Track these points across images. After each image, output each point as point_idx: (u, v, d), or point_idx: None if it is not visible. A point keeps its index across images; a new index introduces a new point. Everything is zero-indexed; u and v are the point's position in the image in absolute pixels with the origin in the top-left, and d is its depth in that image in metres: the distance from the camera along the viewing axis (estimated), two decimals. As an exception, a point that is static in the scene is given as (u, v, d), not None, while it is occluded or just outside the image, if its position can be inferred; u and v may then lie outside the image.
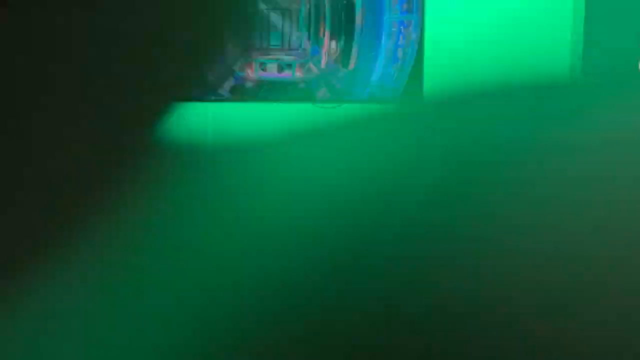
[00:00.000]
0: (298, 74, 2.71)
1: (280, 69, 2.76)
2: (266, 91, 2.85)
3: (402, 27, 2.60)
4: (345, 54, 2.61)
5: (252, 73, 2.82)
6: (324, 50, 2.65)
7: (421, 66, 2.49)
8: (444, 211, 0.25)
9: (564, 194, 0.25)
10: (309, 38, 2.73)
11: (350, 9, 2.65)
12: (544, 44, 2.25)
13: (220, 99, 2.83)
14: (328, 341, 0.23)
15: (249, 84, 2.87)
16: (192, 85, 0.31)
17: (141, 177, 0.29)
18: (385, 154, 0.30)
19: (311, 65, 2.72)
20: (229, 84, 2.90)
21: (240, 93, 2.88)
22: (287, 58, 2.73)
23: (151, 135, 0.30)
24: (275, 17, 2.74)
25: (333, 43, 2.67)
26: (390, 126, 0.31)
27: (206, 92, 2.86)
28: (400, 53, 2.51)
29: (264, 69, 2.79)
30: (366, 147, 0.30)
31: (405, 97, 2.60)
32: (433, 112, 0.30)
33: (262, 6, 2.77)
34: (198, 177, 0.30)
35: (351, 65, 2.63)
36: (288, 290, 0.24)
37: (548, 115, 0.29)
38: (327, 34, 2.68)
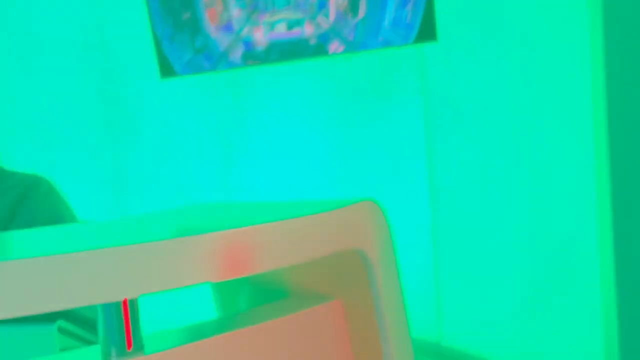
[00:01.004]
0: (308, 30, 2.68)
1: (289, 27, 2.72)
2: (278, 53, 2.82)
3: (408, -33, 2.52)
4: (353, 2, 2.56)
5: (261, 36, 2.79)
6: (331, 2, 2.60)
7: (432, 6, 2.43)
8: None
9: None
10: (314, -8, 2.68)
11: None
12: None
13: (233, 66, 2.81)
14: None
15: (259, 48, 2.84)
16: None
17: None
18: None
19: (320, 19, 2.68)
20: (239, 50, 2.87)
21: (251, 58, 2.86)
22: (295, 15, 2.69)
23: None
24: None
25: (339, -7, 2.61)
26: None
27: (219, 62, 2.84)
28: (409, -6, 2.44)
29: (272, 30, 2.76)
30: None
31: (420, 39, 2.54)
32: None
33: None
34: None
35: (361, 14, 2.58)
36: None
37: None
38: (332, -15, 2.62)
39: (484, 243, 2.48)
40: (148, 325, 0.77)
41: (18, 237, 0.82)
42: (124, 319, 0.69)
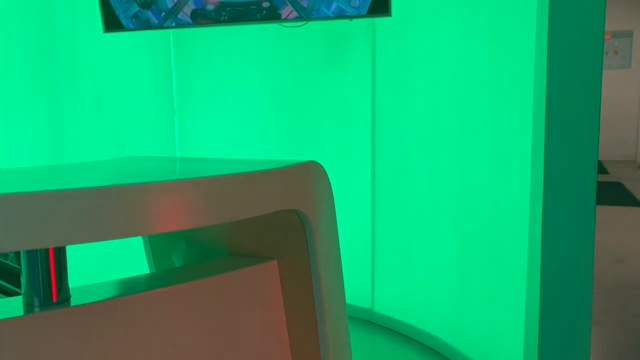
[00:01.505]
0: (261, -7, 2.61)
1: (242, -12, 2.64)
2: (229, 13, 2.74)
3: (366, -63, 2.48)
4: (308, -32, 2.51)
5: (212, -5, 2.70)
6: (286, -34, 2.54)
7: (387, -22, 2.41)
8: None
9: None
10: (269, -46, 2.61)
11: None
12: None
13: (182, 24, 2.72)
14: None
15: (210, 7, 2.75)
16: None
17: None
18: None
19: (274, -17, 2.61)
20: (189, 8, 2.77)
21: (201, 17, 2.77)
22: (248, -24, 2.61)
23: None
24: None
25: (295, -42, 2.55)
26: None
27: (167, 18, 2.75)
28: (365, -36, 2.42)
29: (224, -10, 2.67)
30: None
31: (372, 12, 2.52)
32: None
33: None
34: None
35: (315, -19, 2.53)
36: None
37: None
38: (288, -52, 2.56)
39: (418, 216, 2.53)
40: (79, 281, 0.74)
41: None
42: (50, 269, 0.66)
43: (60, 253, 0.67)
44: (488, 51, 2.17)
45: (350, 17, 2.55)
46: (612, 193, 5.92)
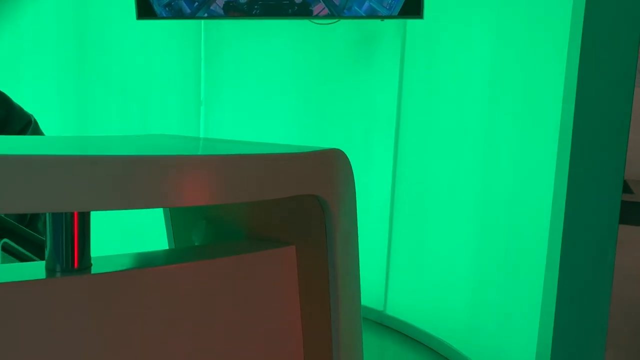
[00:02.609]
0: (294, -12, 2.62)
1: (276, -17, 2.66)
2: (261, 7, 2.76)
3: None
4: (343, -34, 2.51)
5: (246, -12, 2.71)
6: (320, -37, 2.55)
7: (421, -20, 2.41)
8: None
9: None
10: (305, -50, 2.62)
11: None
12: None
13: (214, 15, 2.74)
14: None
15: (243, 0, 2.77)
16: None
17: None
18: None
19: (307, -21, 2.62)
20: (222, 0, 2.80)
21: (234, 10, 2.79)
22: (282, -29, 2.62)
23: None
24: None
25: (330, -45, 2.56)
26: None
27: (199, 9, 2.77)
28: (400, -35, 2.41)
29: (258, -16, 2.69)
30: None
31: (404, 13, 2.52)
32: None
33: None
34: None
35: (349, -21, 2.54)
36: None
37: None
38: (324, -55, 2.57)
39: (437, 220, 2.52)
40: (101, 252, 0.75)
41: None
42: (74, 236, 0.67)
43: (85, 221, 0.68)
44: (518, 59, 2.15)
45: (382, 17, 2.55)
46: (636, 213, 5.82)
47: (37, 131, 1.41)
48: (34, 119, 1.43)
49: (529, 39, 2.09)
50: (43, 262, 0.69)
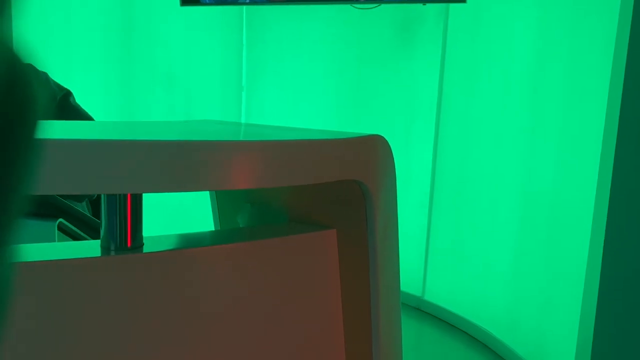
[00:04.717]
0: (335, -27, 2.62)
1: (317, -32, 2.66)
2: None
3: None
4: (385, -50, 2.49)
5: (287, -26, 2.73)
6: (362, -52, 2.53)
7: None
8: None
9: None
10: None
11: None
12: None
13: (256, 1, 2.76)
14: None
15: (284, -14, 2.78)
16: None
17: None
18: None
19: (349, -36, 2.62)
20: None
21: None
22: (324, -44, 2.62)
23: None
24: None
25: (372, -60, 2.54)
26: None
27: (241, -5, 2.80)
28: (443, -51, 2.38)
29: (300, -31, 2.70)
30: None
31: (447, -2, 2.49)
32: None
33: None
34: None
35: (391, -37, 2.52)
36: None
37: None
38: None
39: (478, 206, 2.50)
40: (152, 232, 0.79)
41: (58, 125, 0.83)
42: (127, 216, 0.70)
43: (137, 202, 0.71)
44: (563, 45, 2.11)
45: (424, 2, 2.52)
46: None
47: (75, 103, 1.45)
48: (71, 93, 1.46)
49: (574, 25, 2.04)
50: (98, 241, 0.73)
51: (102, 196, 0.71)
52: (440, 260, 2.76)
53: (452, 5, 2.62)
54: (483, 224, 2.51)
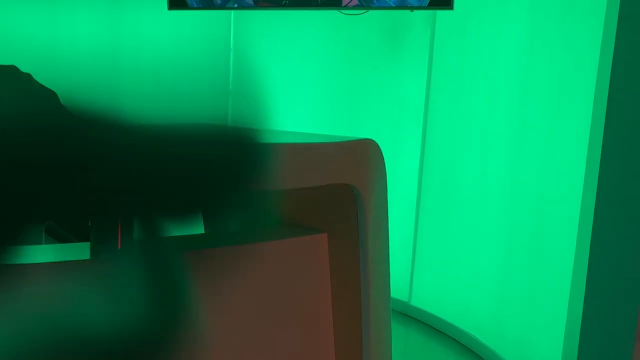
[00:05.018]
0: (324, -21, 2.63)
1: (306, -26, 2.67)
2: (291, -2, 2.77)
3: None
4: (373, -43, 2.51)
5: (276, -21, 2.73)
6: (351, -46, 2.55)
7: (452, -29, 2.39)
8: None
9: None
10: (335, -60, 2.62)
11: None
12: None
13: (244, 6, 2.76)
14: None
15: (273, -9, 2.79)
16: None
17: None
18: None
19: (338, -30, 2.63)
20: (252, -10, 2.81)
21: (264, 0, 2.80)
22: (312, -38, 2.63)
23: None
24: None
25: (361, -54, 2.56)
26: None
27: (229, 0, 2.79)
28: (431, -44, 2.40)
29: (288, -26, 2.70)
30: None
31: (435, 4, 2.51)
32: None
33: None
34: None
35: (379, -30, 2.53)
36: None
37: None
38: (354, -64, 2.57)
39: (464, 211, 2.51)
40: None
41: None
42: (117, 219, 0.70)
43: (128, 204, 0.71)
44: (549, 51, 2.13)
45: (412, 8, 2.54)
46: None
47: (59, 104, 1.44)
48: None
49: (561, 31, 2.07)
50: (87, 244, 0.72)
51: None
52: (427, 266, 2.77)
53: (439, 12, 2.64)
54: (469, 229, 2.52)
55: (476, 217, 2.49)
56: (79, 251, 0.74)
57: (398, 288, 2.83)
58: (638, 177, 1.81)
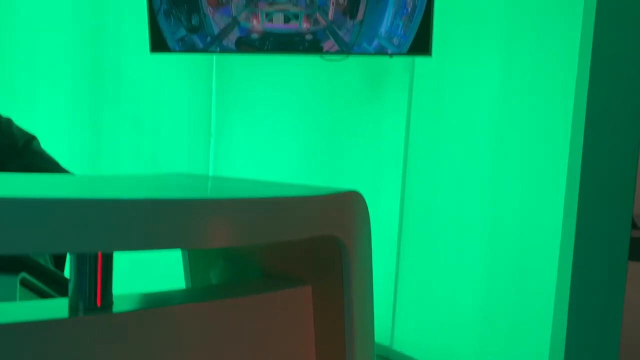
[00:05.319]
0: (305, 25, 2.68)
1: (287, 19, 2.72)
2: (272, 43, 2.81)
3: (412, -22, 2.54)
4: (353, 4, 2.57)
5: (258, 24, 2.77)
6: (331, 1, 2.61)
7: (430, 19, 2.46)
8: None
9: None
10: (316, -12, 2.68)
11: (359, -42, 2.59)
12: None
13: (226, 50, 2.79)
14: None
15: (254, 36, 2.83)
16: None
17: None
18: None
19: (318, 16, 2.68)
20: (234, 35, 2.85)
21: (246, 45, 2.84)
22: (294, 8, 2.69)
23: None
24: (282, -34, 2.69)
25: (341, -7, 2.62)
26: None
27: (212, 44, 2.83)
28: (409, 5, 2.47)
29: (270, 20, 2.75)
30: None
31: (413, 51, 2.56)
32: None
33: (269, -46, 2.71)
34: None
35: (359, 17, 2.59)
36: None
37: None
38: (334, -16, 2.63)
39: (445, 254, 2.52)
40: (119, 290, 0.77)
41: (13, 179, 0.81)
42: (97, 274, 0.68)
43: (108, 260, 0.69)
44: (525, 95, 2.18)
45: (391, 55, 2.59)
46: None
47: (39, 149, 1.42)
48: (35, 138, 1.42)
49: (536, 75, 2.12)
50: (65, 300, 0.70)
51: (72, 254, 0.69)
52: (409, 309, 2.75)
53: (417, 57, 2.70)
54: (450, 273, 2.52)
55: (456, 260, 2.50)
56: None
57: (380, 332, 2.80)
58: (616, 212, 1.84)
